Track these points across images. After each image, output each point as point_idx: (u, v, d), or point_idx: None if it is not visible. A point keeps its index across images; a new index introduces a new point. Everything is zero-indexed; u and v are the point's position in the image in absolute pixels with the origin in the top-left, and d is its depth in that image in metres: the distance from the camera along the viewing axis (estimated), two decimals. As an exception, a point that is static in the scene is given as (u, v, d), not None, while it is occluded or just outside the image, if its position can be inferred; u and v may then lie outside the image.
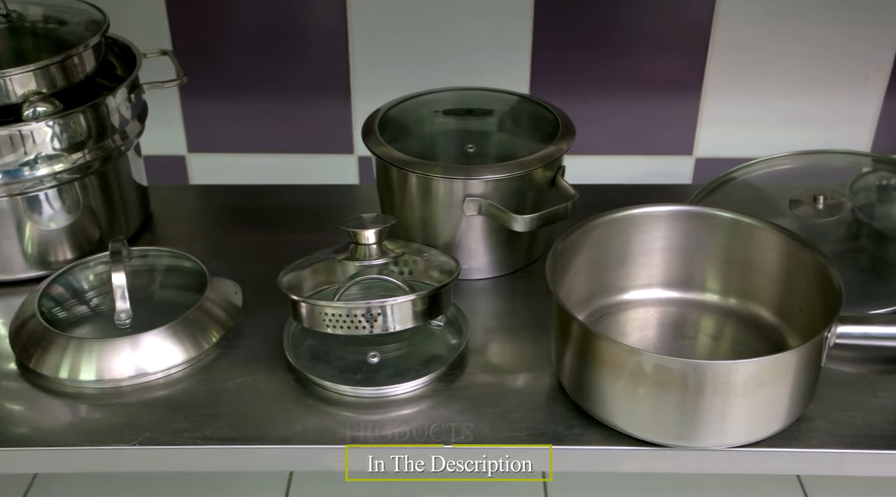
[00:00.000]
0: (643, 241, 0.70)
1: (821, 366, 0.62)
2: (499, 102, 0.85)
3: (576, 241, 0.68)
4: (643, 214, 0.69)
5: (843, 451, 0.62)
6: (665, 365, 0.58)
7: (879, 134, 1.05)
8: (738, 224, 0.69)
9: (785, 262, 0.68)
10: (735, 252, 0.70)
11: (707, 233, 0.70)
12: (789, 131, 1.05)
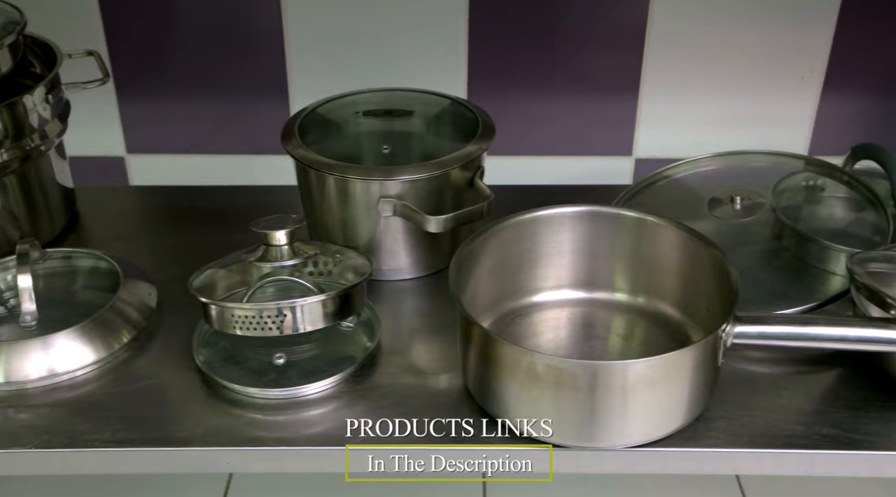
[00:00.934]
0: (551, 243, 0.70)
1: (718, 365, 0.62)
2: (421, 103, 0.85)
3: (481, 244, 0.68)
4: (549, 216, 0.69)
5: (736, 451, 0.62)
6: (557, 366, 0.58)
7: (816, 134, 1.06)
8: (643, 223, 0.69)
9: (690, 261, 0.69)
10: (641, 251, 0.70)
11: (613, 232, 0.70)
12: (728, 131, 1.06)
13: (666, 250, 0.69)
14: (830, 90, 1.03)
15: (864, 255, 0.68)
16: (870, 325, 0.61)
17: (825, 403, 0.66)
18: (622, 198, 0.88)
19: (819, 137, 1.06)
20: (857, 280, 0.64)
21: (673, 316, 0.71)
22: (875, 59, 1.00)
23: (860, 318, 0.63)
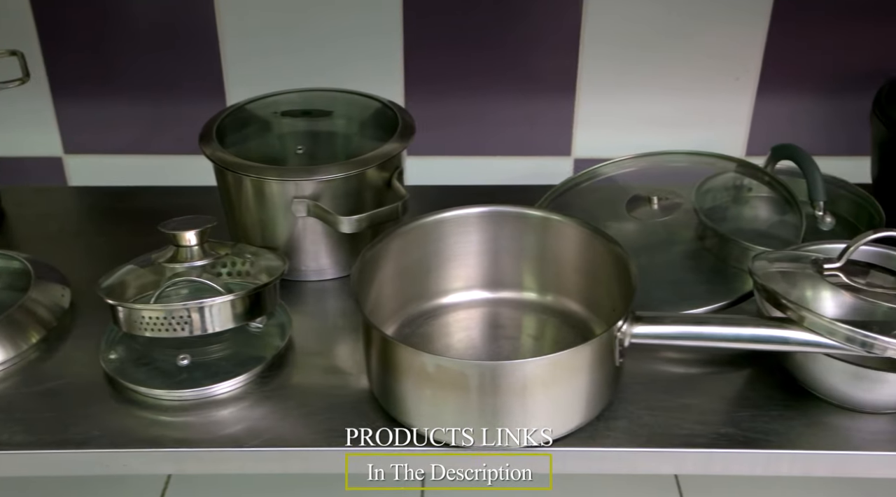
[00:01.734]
0: (459, 244, 0.71)
1: (616, 364, 0.63)
2: (343, 104, 0.85)
3: (385, 247, 0.68)
4: (454, 217, 0.69)
5: (634, 450, 0.62)
6: (446, 366, 0.58)
7: (753, 134, 1.06)
8: (548, 222, 0.70)
9: (594, 259, 0.69)
10: (548, 250, 0.71)
11: (520, 232, 0.71)
12: (666, 131, 1.06)
13: (572, 249, 0.70)
14: (766, 90, 1.03)
15: (768, 256, 0.68)
16: (763, 325, 0.61)
17: (728, 403, 0.67)
18: (547, 198, 0.88)
19: (756, 137, 1.07)
20: (756, 281, 0.64)
21: (582, 314, 0.71)
22: (808, 59, 1.00)
23: (754, 318, 0.63)
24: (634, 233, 0.87)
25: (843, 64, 1.01)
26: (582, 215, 0.88)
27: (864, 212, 0.85)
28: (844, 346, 0.59)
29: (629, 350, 0.67)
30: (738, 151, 1.08)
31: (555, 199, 0.88)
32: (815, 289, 0.65)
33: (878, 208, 0.83)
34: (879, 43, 0.99)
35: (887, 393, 0.62)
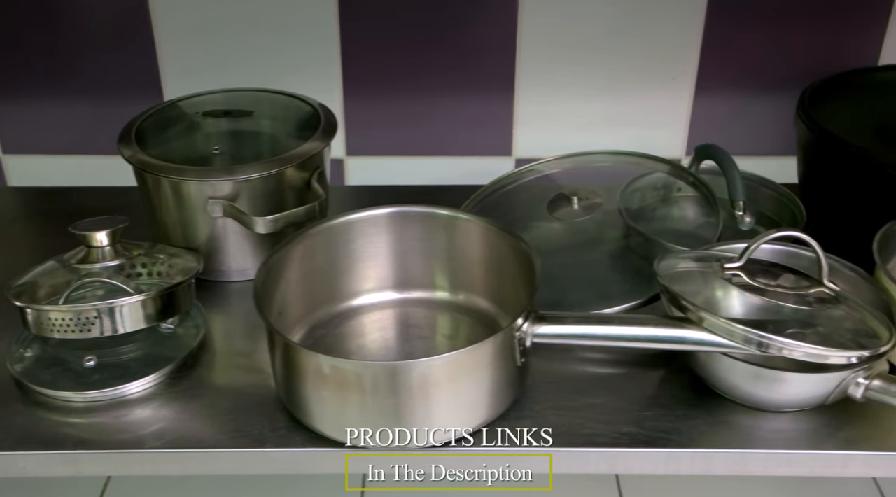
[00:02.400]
0: (369, 245, 0.71)
1: (517, 364, 0.63)
2: (267, 103, 0.85)
3: (292, 250, 0.68)
4: (362, 218, 0.70)
5: (537, 449, 0.63)
6: (341, 367, 0.58)
7: (692, 134, 1.07)
8: (455, 220, 0.70)
9: (502, 257, 0.69)
10: (457, 249, 0.71)
11: (429, 231, 0.71)
12: (606, 131, 1.06)
13: (480, 247, 0.70)
14: (703, 90, 1.03)
15: (675, 255, 0.68)
16: (662, 325, 0.61)
17: (634, 403, 0.67)
18: (475, 199, 0.88)
19: (695, 137, 1.07)
20: (658, 281, 0.65)
21: (493, 313, 0.71)
22: (745, 59, 1.01)
23: (655, 318, 0.63)
24: (561, 232, 0.88)
25: (780, 63, 1.01)
26: (509, 215, 0.89)
27: (788, 211, 0.86)
28: (741, 347, 0.60)
29: (546, 350, 0.69)
30: (677, 151, 1.08)
31: (483, 199, 0.88)
32: (716, 288, 0.65)
33: (800, 207, 0.84)
34: (814, 42, 1.00)
35: (788, 392, 0.62)
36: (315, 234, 0.69)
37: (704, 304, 0.67)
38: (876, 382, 0.61)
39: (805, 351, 0.59)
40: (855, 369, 0.60)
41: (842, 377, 0.60)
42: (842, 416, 0.65)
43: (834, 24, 1.00)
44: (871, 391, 0.61)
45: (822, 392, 0.61)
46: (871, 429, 0.64)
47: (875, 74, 0.91)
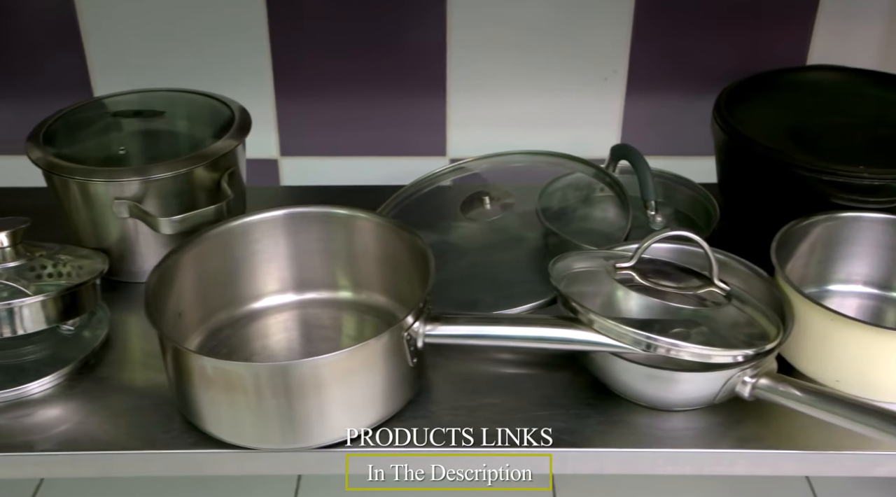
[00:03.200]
0: (269, 246, 0.71)
1: (409, 364, 0.62)
2: (183, 103, 0.85)
3: (186, 254, 0.67)
4: (260, 220, 0.69)
5: (431, 449, 0.63)
6: (224, 368, 0.58)
7: (625, 133, 1.07)
8: (354, 219, 0.70)
9: (403, 256, 0.69)
10: (357, 247, 0.71)
11: (328, 231, 0.71)
12: (540, 132, 1.06)
13: (380, 245, 0.70)
14: (634, 90, 1.04)
15: (572, 256, 0.68)
16: (549, 325, 0.62)
17: (531, 402, 0.67)
18: (393, 200, 0.88)
19: (628, 137, 1.07)
20: (551, 282, 0.65)
21: (396, 311, 0.71)
22: (674, 59, 1.01)
23: (545, 319, 0.63)
24: (482, 232, 0.88)
25: (710, 64, 1.01)
26: (430, 216, 0.89)
27: (704, 209, 0.86)
28: (630, 348, 0.60)
29: (451, 350, 0.69)
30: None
31: (403, 200, 0.88)
32: (610, 288, 0.65)
33: (715, 206, 0.84)
34: (743, 43, 1.00)
35: (677, 391, 0.63)
36: (212, 237, 0.68)
37: (599, 304, 0.68)
38: (763, 381, 0.61)
39: (690, 351, 0.59)
40: (741, 368, 0.60)
41: (728, 376, 0.60)
42: (735, 414, 0.65)
43: (762, 25, 1.00)
44: (758, 390, 0.61)
45: (710, 391, 0.61)
46: (762, 428, 0.64)
47: (795, 75, 0.91)
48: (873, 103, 0.87)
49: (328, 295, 0.73)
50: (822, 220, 0.71)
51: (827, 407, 0.59)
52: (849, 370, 0.63)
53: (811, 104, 0.87)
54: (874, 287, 0.73)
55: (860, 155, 0.78)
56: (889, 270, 0.72)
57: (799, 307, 0.65)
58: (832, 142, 0.81)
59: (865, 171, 0.72)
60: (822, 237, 0.72)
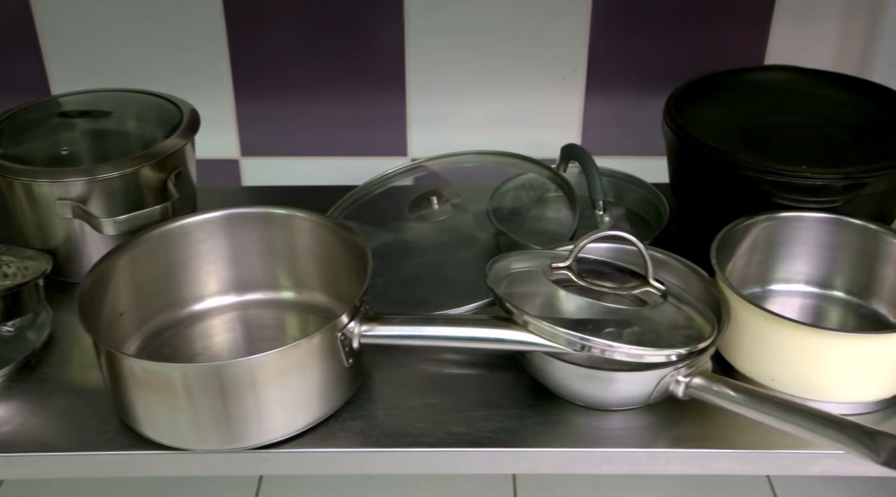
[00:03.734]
0: (210, 248, 0.70)
1: (344, 364, 0.62)
2: (132, 103, 0.84)
3: (123, 256, 0.67)
4: (198, 222, 0.69)
5: (362, 450, 0.63)
6: (152, 369, 0.58)
7: (585, 133, 1.07)
8: (292, 219, 0.70)
9: (342, 255, 0.69)
10: (299, 247, 0.71)
11: (268, 231, 0.71)
12: (499, 132, 1.06)
13: (320, 244, 0.70)
14: (594, 90, 1.04)
15: (511, 256, 0.68)
16: (485, 325, 0.61)
17: (470, 403, 0.67)
18: (346, 201, 0.88)
19: (589, 136, 1.07)
20: (486, 283, 0.65)
21: (340, 311, 0.69)
22: (633, 58, 1.01)
23: (479, 319, 0.63)
24: (435, 233, 0.88)
25: (669, 63, 1.01)
26: (381, 216, 0.89)
27: (655, 208, 0.86)
28: (565, 349, 0.60)
29: (395, 350, 0.69)
30: (572, 151, 1.09)
31: (356, 200, 0.89)
32: (548, 289, 0.65)
33: (665, 204, 0.84)
34: (701, 42, 1.00)
35: (611, 391, 0.63)
36: (151, 239, 0.68)
37: (539, 305, 0.67)
38: (697, 381, 0.61)
39: (623, 351, 0.59)
40: (675, 367, 0.60)
41: (661, 376, 0.60)
42: (673, 414, 0.65)
43: (720, 25, 1.00)
44: (692, 389, 0.61)
45: (643, 391, 0.61)
46: (699, 427, 0.64)
47: (748, 75, 0.91)
48: (824, 103, 0.87)
49: (270, 295, 0.73)
50: (762, 220, 0.71)
51: (758, 407, 0.59)
52: (784, 369, 0.64)
53: (762, 104, 0.87)
54: (815, 286, 0.73)
55: (806, 155, 0.78)
56: (830, 269, 0.72)
57: (735, 307, 0.65)
58: (780, 142, 0.81)
59: (808, 170, 0.73)
60: (764, 237, 0.72)
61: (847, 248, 0.71)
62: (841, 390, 0.63)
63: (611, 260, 0.69)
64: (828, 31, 1.00)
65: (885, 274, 0.70)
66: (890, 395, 0.64)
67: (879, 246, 0.70)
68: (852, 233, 0.70)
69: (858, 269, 0.71)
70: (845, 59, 1.02)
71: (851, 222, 0.70)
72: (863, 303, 0.72)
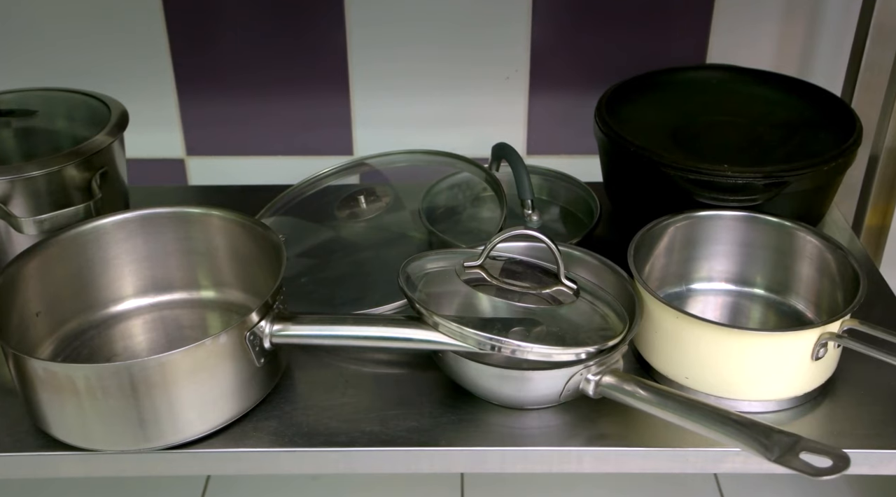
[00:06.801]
0: (126, 249, 0.70)
1: (255, 362, 0.62)
2: (60, 103, 0.83)
3: (37, 257, 0.66)
4: (113, 223, 0.69)
5: (274, 450, 0.62)
6: (53, 370, 0.58)
7: (531, 132, 1.07)
8: (209, 218, 0.69)
9: (260, 253, 0.69)
10: (216, 246, 0.71)
11: (186, 231, 0.70)
12: (444, 131, 1.06)
13: (239, 243, 0.70)
14: (538, 89, 1.04)
15: (426, 256, 0.68)
16: (396, 325, 0.61)
17: (386, 402, 0.67)
18: (276, 202, 0.88)
19: (534, 135, 1.08)
20: (398, 283, 0.64)
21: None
22: (574, 57, 1.02)
23: (390, 318, 0.63)
24: (368, 231, 0.88)
25: (609, 63, 1.01)
26: (312, 216, 0.89)
27: (587, 206, 0.86)
28: (475, 349, 0.60)
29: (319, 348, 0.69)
30: (518, 149, 1.09)
31: (290, 200, 0.88)
32: (459, 288, 0.65)
33: (597, 203, 0.84)
34: (642, 41, 1.00)
35: (522, 390, 0.62)
36: (64, 240, 0.68)
37: (457, 304, 0.67)
38: (607, 379, 0.61)
39: (532, 350, 0.59)
40: (585, 365, 0.60)
41: (570, 374, 0.60)
42: (588, 413, 0.65)
43: (661, 24, 1.00)
44: (602, 388, 0.61)
45: (554, 389, 0.61)
46: (613, 426, 0.64)
47: (682, 74, 0.91)
48: (757, 102, 0.87)
49: (190, 295, 0.72)
50: (680, 219, 0.71)
51: (664, 405, 0.59)
52: (696, 367, 0.64)
53: (696, 103, 0.88)
54: (736, 284, 0.73)
55: (733, 154, 0.79)
56: (749, 267, 0.73)
57: (649, 306, 0.65)
58: (709, 141, 0.81)
59: (729, 169, 0.73)
60: (682, 236, 0.72)
61: (765, 246, 0.71)
62: (752, 388, 0.64)
63: (530, 259, 0.69)
64: (768, 31, 1.01)
65: (801, 271, 0.70)
66: (802, 393, 0.65)
67: (796, 243, 0.70)
68: (769, 231, 0.70)
69: (777, 267, 0.72)
70: (786, 60, 1.02)
71: (768, 220, 0.70)
72: (782, 300, 0.72)
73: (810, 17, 0.99)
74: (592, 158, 0.98)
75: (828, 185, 0.79)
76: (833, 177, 0.78)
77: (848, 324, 0.62)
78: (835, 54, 1.01)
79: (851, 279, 0.65)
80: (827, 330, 0.61)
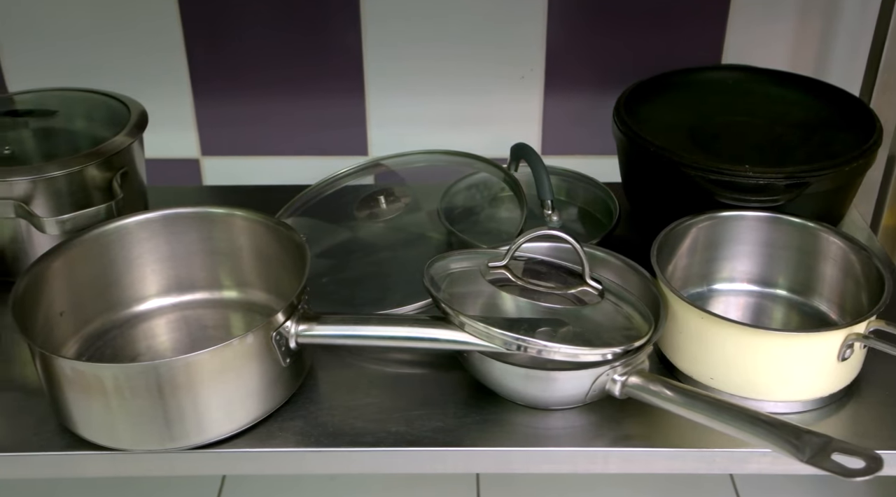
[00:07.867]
0: (148, 249, 0.70)
1: (280, 362, 0.62)
2: (79, 103, 0.84)
3: (59, 257, 0.66)
4: (136, 223, 0.69)
5: (300, 450, 0.62)
6: (81, 370, 0.58)
7: (546, 132, 1.07)
8: (232, 218, 0.69)
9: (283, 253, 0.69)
10: (239, 246, 0.71)
11: (209, 231, 0.70)
12: (461, 131, 1.06)
13: (261, 243, 0.70)
14: (553, 88, 1.04)
15: (450, 256, 0.68)
16: (422, 325, 0.61)
17: (411, 402, 0.67)
18: (295, 202, 0.88)
19: (550, 136, 1.08)
20: (423, 283, 0.64)
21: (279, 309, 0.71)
22: (590, 57, 1.02)
23: (416, 318, 0.63)
24: (387, 231, 0.88)
25: (625, 63, 1.02)
26: (330, 217, 0.89)
27: (606, 207, 0.86)
28: (501, 349, 0.60)
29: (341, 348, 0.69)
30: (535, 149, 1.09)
31: (308, 200, 0.88)
32: (484, 288, 0.65)
33: (616, 203, 0.84)
34: (658, 41, 1.00)
35: (548, 390, 0.63)
36: (88, 240, 0.68)
37: (481, 304, 0.67)
38: (633, 379, 0.61)
39: (558, 350, 0.59)
40: (610, 366, 0.61)
41: (596, 374, 0.60)
42: (614, 413, 0.65)
43: (677, 24, 1.01)
44: (628, 388, 0.61)
45: (580, 390, 0.61)
46: (639, 426, 0.64)
47: (700, 74, 0.91)
48: (775, 103, 0.87)
49: (213, 295, 0.73)
50: (703, 220, 0.71)
51: (692, 406, 0.59)
52: (722, 368, 0.64)
53: (713, 103, 0.88)
54: (759, 285, 0.73)
55: (753, 154, 0.79)
56: (772, 268, 0.73)
57: (674, 306, 0.65)
58: (728, 141, 0.81)
59: (750, 170, 0.73)
60: (705, 237, 0.73)
61: (788, 247, 0.71)
62: (778, 389, 0.64)
63: (553, 259, 0.69)
64: (784, 31, 1.01)
65: (825, 272, 0.70)
66: (827, 393, 0.65)
67: (819, 244, 0.70)
68: (792, 231, 0.71)
69: (800, 268, 0.72)
70: (802, 60, 1.03)
71: (791, 221, 0.70)
72: (805, 301, 0.72)
73: (826, 17, 0.99)
74: (607, 158, 0.98)
75: (848, 185, 0.79)
76: (854, 177, 0.78)
77: (874, 324, 0.62)
78: (851, 55, 1.01)
79: (876, 280, 0.65)
80: (853, 331, 0.61)
